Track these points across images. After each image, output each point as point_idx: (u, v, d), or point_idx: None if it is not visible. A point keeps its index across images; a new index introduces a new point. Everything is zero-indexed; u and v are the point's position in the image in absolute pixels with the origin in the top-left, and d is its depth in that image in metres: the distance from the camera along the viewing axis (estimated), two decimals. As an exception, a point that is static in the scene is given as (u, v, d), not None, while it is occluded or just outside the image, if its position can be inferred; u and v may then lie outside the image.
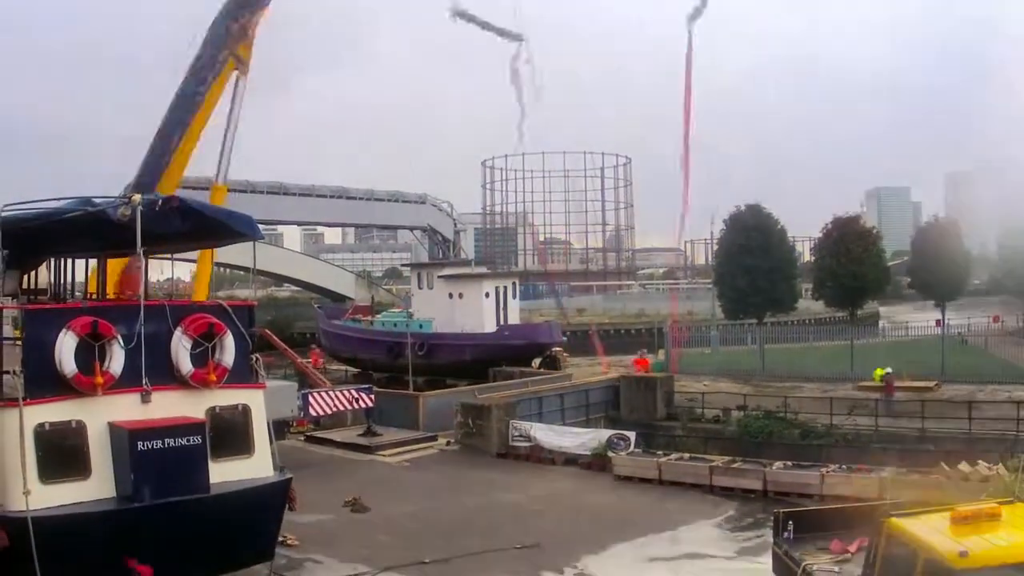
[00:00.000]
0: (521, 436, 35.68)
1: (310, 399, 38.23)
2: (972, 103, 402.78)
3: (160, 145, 33.33)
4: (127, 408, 15.86)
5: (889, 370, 41.92)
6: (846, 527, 18.67)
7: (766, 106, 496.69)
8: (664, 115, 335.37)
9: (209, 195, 32.21)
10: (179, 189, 31.05)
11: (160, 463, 15.24)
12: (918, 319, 76.50)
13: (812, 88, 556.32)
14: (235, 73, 34.47)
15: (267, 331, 48.84)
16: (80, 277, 24.56)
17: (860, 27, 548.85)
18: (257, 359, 17.92)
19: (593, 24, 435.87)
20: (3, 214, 16.21)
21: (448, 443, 36.73)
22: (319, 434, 38.27)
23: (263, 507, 16.89)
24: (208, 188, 34.85)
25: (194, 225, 19.17)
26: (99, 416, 15.59)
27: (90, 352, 15.61)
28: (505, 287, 58.09)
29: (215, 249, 30.40)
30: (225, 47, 33.80)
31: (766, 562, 20.14)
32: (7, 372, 15.12)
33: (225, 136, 34.43)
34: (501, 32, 76.16)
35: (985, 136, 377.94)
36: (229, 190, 34.17)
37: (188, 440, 15.63)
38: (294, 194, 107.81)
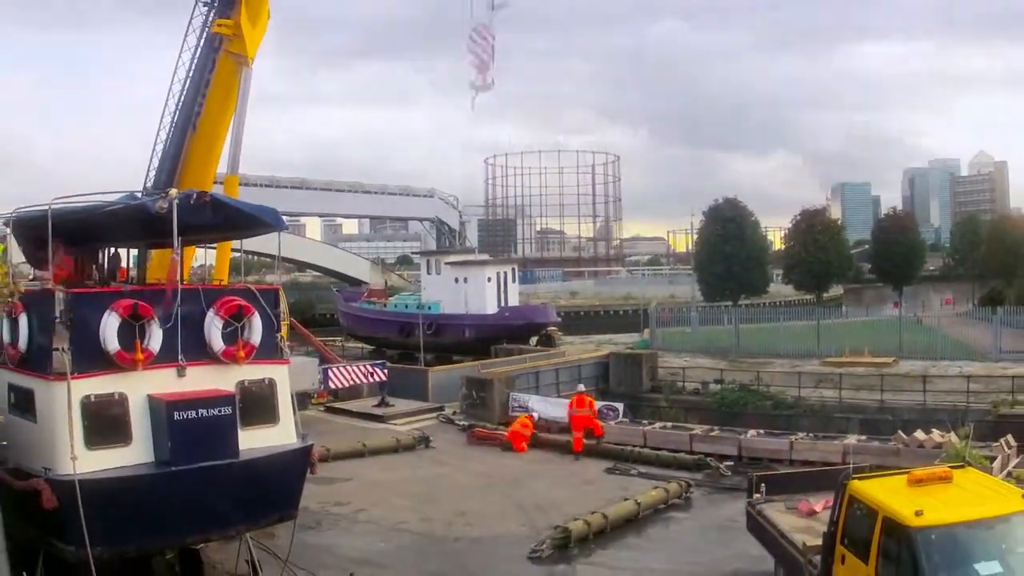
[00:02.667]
0: (520, 407, 35.70)
1: (329, 373, 38.36)
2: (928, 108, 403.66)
3: (173, 147, 31.36)
4: (164, 382, 15.85)
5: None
6: (813, 489, 18.69)
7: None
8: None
9: (231, 188, 30.61)
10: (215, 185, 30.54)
11: (194, 431, 15.25)
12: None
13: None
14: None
15: (293, 319, 48.87)
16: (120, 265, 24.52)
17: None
18: (282, 337, 17.95)
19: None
20: (54, 207, 16.19)
21: (454, 413, 36.75)
22: (337, 405, 38.32)
23: (287, 471, 16.91)
24: (268, 185, 33.98)
25: (225, 217, 19.23)
26: (139, 389, 15.59)
27: (131, 331, 15.59)
28: (505, 272, 58.07)
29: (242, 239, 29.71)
30: (213, 50, 30.61)
31: (741, 520, 20.16)
32: (56, 349, 15.10)
33: (232, 129, 31.48)
34: None
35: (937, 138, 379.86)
36: (258, 185, 33.79)
37: (219, 410, 15.62)
38: (315, 189, 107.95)
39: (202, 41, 30.42)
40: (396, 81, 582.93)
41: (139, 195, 17.75)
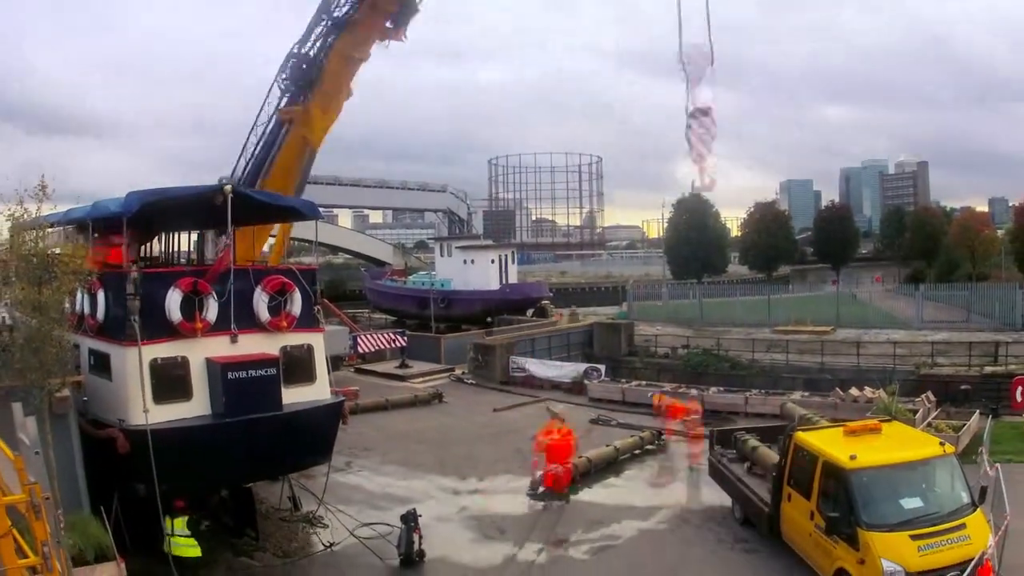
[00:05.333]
0: (518, 368, 35.80)
1: (358, 340, 38.40)
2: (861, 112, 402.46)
3: (254, 169, 28.36)
4: (219, 347, 15.84)
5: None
6: (764, 440, 18.70)
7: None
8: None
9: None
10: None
11: (244, 388, 15.26)
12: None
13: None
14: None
15: (326, 300, 48.81)
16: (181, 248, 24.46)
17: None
18: (318, 309, 17.93)
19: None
20: (132, 197, 16.18)
21: (462, 373, 36.79)
22: (365, 367, 38.35)
23: (323, 422, 16.92)
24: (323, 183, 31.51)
25: (272, 209, 19.28)
26: (198, 353, 15.58)
27: (192, 304, 15.60)
28: (506, 255, 58.00)
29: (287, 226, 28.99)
30: (281, 124, 27.56)
31: (705, 465, 20.23)
32: (129, 319, 15.09)
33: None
34: None
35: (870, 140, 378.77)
36: None
37: (266, 371, 15.63)
38: (346, 185, 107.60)
39: (274, 117, 27.59)
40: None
41: (199, 188, 17.68)
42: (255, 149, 28.15)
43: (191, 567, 14.74)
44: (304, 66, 25.79)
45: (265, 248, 28.91)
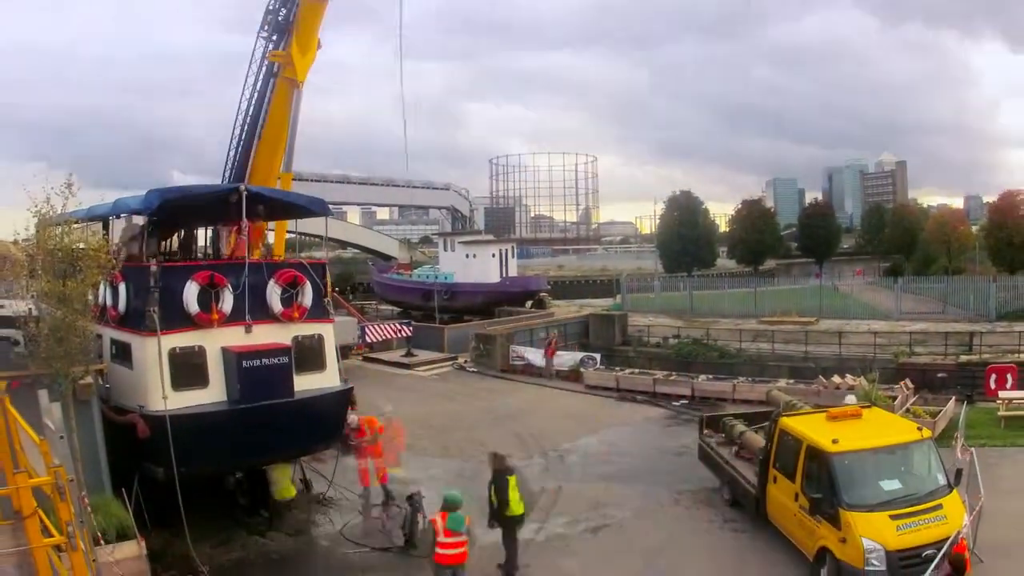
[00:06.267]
0: (518, 357, 35.79)
1: (366, 329, 38.41)
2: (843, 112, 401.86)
3: (243, 152, 30.30)
4: (235, 336, 15.84)
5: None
6: (750, 425, 18.70)
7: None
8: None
9: (286, 183, 29.79)
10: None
11: (258, 376, 15.27)
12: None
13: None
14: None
15: (335, 293, 48.79)
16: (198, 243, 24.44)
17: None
18: (328, 301, 17.92)
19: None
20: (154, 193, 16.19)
21: (465, 362, 36.77)
22: (372, 355, 38.34)
23: (332, 407, 16.96)
24: (318, 180, 32.88)
25: (283, 206, 19.27)
26: (215, 342, 15.59)
27: (208, 296, 15.61)
28: (506, 250, 57.90)
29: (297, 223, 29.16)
30: (272, 75, 29.46)
31: (695, 447, 20.21)
32: (149, 311, 15.10)
33: (289, 136, 30.09)
34: None
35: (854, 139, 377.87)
36: (310, 180, 32.95)
37: (278, 360, 15.64)
38: (355, 183, 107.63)
39: (263, 68, 29.93)
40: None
41: (215, 187, 17.77)
42: (251, 99, 30.08)
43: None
44: (280, 17, 29.01)
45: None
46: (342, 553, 15.83)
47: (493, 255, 56.15)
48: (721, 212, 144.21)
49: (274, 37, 29.39)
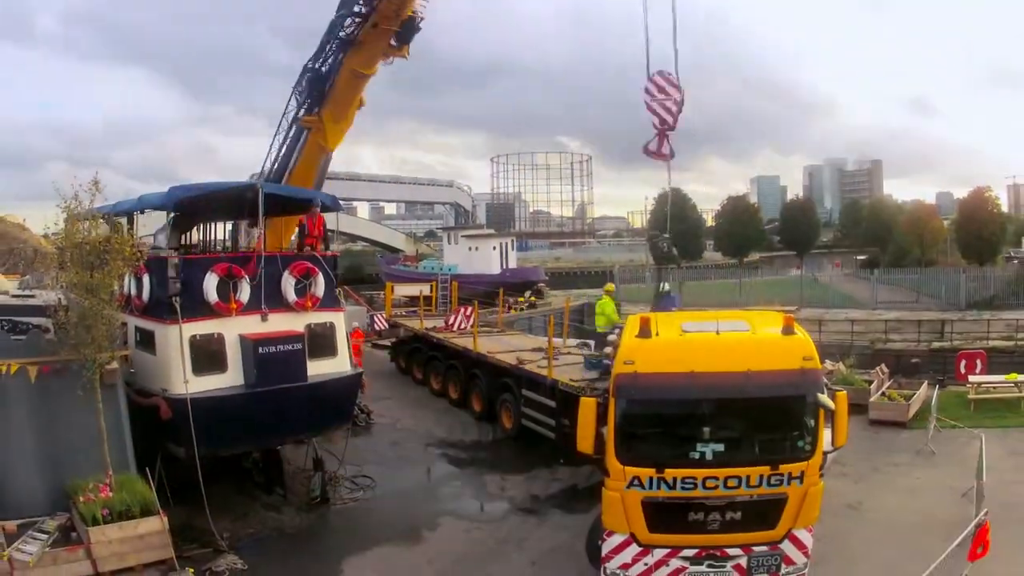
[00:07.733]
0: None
1: (375, 318, 38.32)
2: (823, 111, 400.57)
3: (279, 169, 26.50)
4: (251, 325, 15.81)
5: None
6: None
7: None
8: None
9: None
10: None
11: (274, 361, 15.26)
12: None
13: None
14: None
15: (345, 286, 48.67)
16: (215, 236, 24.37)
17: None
18: (339, 290, 17.90)
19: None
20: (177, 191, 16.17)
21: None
22: (381, 342, 38.24)
23: (343, 391, 16.96)
24: (329, 178, 30.33)
25: (296, 202, 19.22)
26: (233, 330, 15.56)
27: (227, 287, 15.57)
28: (507, 243, 57.89)
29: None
30: (301, 130, 26.10)
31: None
32: (171, 300, 15.09)
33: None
34: None
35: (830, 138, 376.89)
36: None
37: (292, 346, 15.62)
38: (364, 180, 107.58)
39: (294, 127, 26.31)
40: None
41: (235, 183, 17.74)
42: (279, 152, 27.24)
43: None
44: (317, 81, 25.25)
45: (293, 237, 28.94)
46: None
47: (494, 248, 56.13)
48: (708, 207, 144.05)
49: (307, 100, 25.63)
